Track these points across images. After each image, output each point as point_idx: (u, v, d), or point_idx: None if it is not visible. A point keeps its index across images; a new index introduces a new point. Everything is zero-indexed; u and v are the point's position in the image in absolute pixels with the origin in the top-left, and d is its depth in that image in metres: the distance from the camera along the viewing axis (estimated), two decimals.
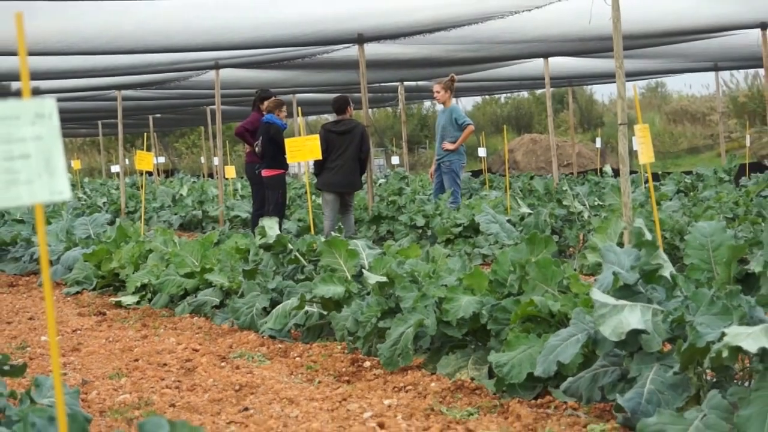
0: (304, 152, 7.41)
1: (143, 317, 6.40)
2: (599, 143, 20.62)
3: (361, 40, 10.03)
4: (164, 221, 14.39)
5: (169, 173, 30.56)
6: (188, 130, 36.47)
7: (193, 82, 14.12)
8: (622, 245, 4.25)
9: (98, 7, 8.35)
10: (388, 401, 3.83)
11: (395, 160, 23.81)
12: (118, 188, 19.05)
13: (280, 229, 6.72)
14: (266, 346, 5.17)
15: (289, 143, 7.54)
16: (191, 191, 17.40)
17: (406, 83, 16.68)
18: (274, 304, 5.60)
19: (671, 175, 14.49)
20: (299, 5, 8.71)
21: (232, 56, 11.28)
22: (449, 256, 5.54)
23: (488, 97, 31.69)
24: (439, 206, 9.54)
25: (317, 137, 8.01)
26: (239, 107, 19.14)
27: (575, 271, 4.50)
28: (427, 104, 31.94)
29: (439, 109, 10.68)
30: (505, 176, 11.72)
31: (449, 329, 4.20)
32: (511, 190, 12.16)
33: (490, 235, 8.32)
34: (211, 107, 19.55)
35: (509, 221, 8.67)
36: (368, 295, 4.95)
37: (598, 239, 4.74)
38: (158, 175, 25.99)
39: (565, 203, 8.96)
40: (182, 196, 16.75)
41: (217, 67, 11.79)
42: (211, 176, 25.24)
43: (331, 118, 13.00)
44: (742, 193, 10.61)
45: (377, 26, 9.68)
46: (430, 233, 9.33)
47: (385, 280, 4.72)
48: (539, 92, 29.82)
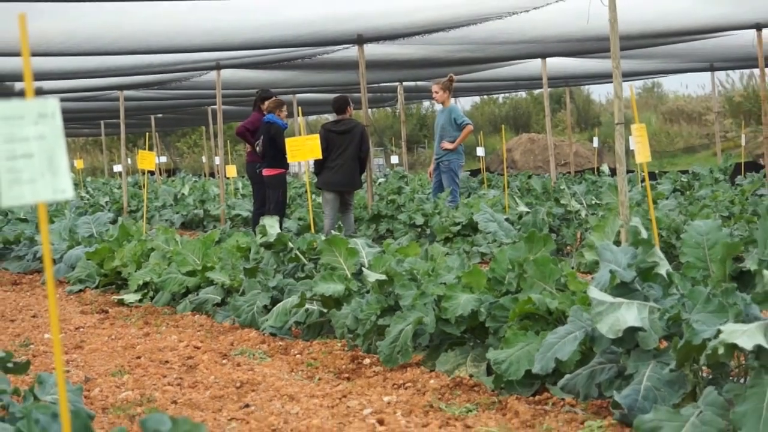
0: (304, 152, 7.44)
1: (145, 315, 6.41)
2: (596, 143, 20.60)
3: (360, 40, 10.05)
4: (166, 220, 14.42)
5: (170, 172, 30.59)
6: (190, 129, 36.46)
7: (194, 82, 14.13)
8: (619, 243, 4.28)
9: (100, 8, 8.37)
10: (387, 398, 3.84)
11: (394, 159, 23.82)
12: (120, 187, 19.08)
13: (280, 227, 6.76)
14: (267, 343, 5.18)
15: (289, 143, 7.56)
16: (193, 190, 17.42)
17: (405, 83, 16.68)
18: (274, 302, 5.62)
19: (668, 174, 14.52)
20: (299, 6, 8.72)
21: (232, 57, 11.29)
22: (448, 254, 5.55)
23: (486, 97, 31.65)
24: (438, 205, 9.55)
25: (317, 137, 8.04)
26: (240, 107, 19.14)
27: (573, 269, 4.51)
28: (426, 104, 31.92)
29: (438, 109, 10.69)
30: (503, 175, 11.72)
31: (448, 327, 4.22)
32: (509, 189, 12.18)
33: (488, 233, 8.35)
34: (212, 107, 19.55)
35: (507, 220, 8.69)
36: (368, 293, 4.96)
37: (595, 237, 4.76)
38: (160, 174, 26.00)
39: (562, 202, 8.99)
40: (184, 195, 16.76)
41: (218, 67, 11.80)
42: (212, 175, 25.26)
43: (331, 117, 13.01)
44: (737, 191, 10.64)
45: (376, 27, 9.69)
46: (429, 232, 9.34)
47: (384, 278, 4.74)
48: (537, 92, 29.80)
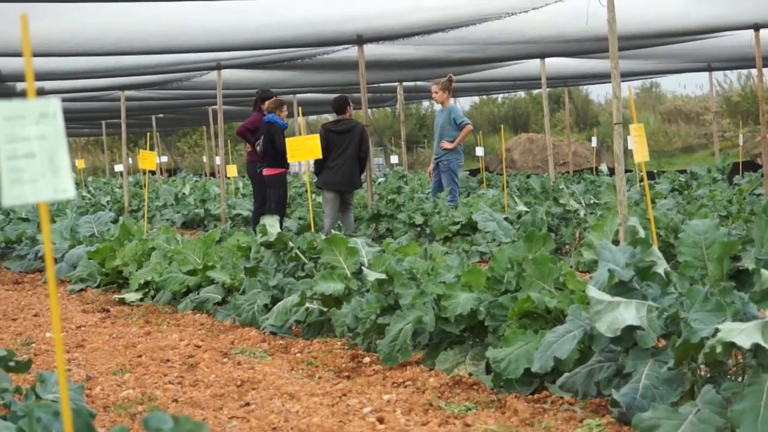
0: (304, 151, 7.46)
1: (146, 314, 6.43)
2: (595, 142, 20.59)
3: (360, 41, 10.06)
4: (167, 219, 14.44)
5: (171, 172, 30.61)
6: (190, 129, 36.48)
7: (195, 82, 14.14)
8: (617, 243, 4.29)
9: (101, 8, 8.38)
10: (387, 396, 3.86)
11: (394, 159, 23.82)
12: (121, 187, 19.09)
13: (281, 227, 6.77)
14: (267, 342, 5.20)
15: (289, 143, 7.58)
16: (193, 190, 17.43)
17: (404, 83, 16.70)
18: (275, 301, 5.64)
19: (666, 173, 14.53)
20: (299, 7, 8.72)
21: (233, 57, 11.30)
22: (447, 253, 5.56)
23: (486, 97, 31.64)
24: (437, 204, 9.56)
25: (317, 137, 8.07)
26: (240, 107, 19.14)
27: (571, 268, 4.53)
28: (425, 104, 31.91)
29: (437, 108, 10.71)
30: (502, 175, 11.74)
31: (447, 325, 4.23)
32: (508, 188, 12.20)
33: (487, 232, 8.37)
34: (212, 107, 19.57)
35: (506, 219, 8.72)
36: (368, 292, 4.98)
37: (594, 237, 4.77)
38: (161, 174, 26.01)
39: (561, 201, 9.02)
40: (185, 194, 16.78)
41: (218, 67, 11.82)
42: (213, 175, 25.27)
43: (331, 117, 13.02)
44: (735, 191, 10.67)
45: (376, 27, 9.69)
46: (428, 231, 9.35)
47: (384, 277, 4.75)
48: (536, 92, 29.79)
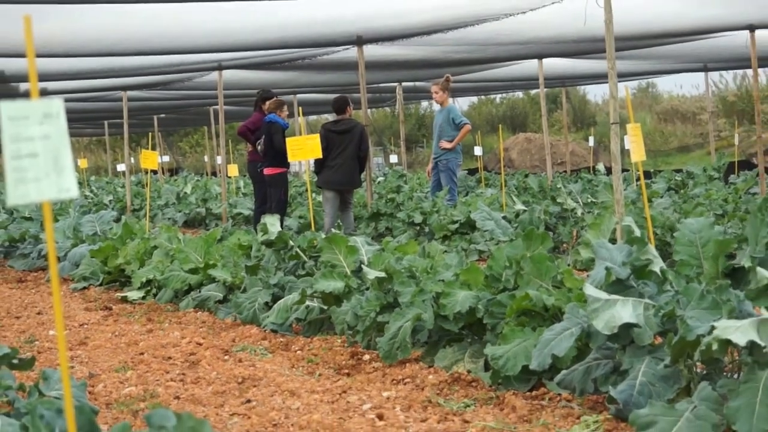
0: (305, 151, 7.49)
1: (148, 312, 6.46)
2: (592, 142, 20.59)
3: (360, 42, 10.08)
4: (169, 218, 14.47)
5: (173, 172, 30.63)
6: (192, 129, 36.50)
7: (196, 83, 14.16)
8: (614, 241, 4.31)
9: (103, 9, 8.41)
10: (386, 393, 3.88)
11: (393, 158, 23.86)
12: (123, 186, 19.11)
13: (281, 226, 6.81)
14: (268, 339, 5.23)
15: (290, 142, 7.62)
16: (195, 189, 17.45)
17: (404, 84, 16.73)
18: (275, 299, 5.66)
19: (662, 173, 14.54)
20: (300, 8, 8.74)
21: (234, 58, 11.32)
22: (446, 252, 5.59)
23: (484, 97, 31.64)
24: (436, 203, 9.59)
25: (318, 136, 8.10)
26: (241, 107, 19.16)
27: (569, 266, 4.56)
28: (424, 104, 31.92)
29: (436, 108, 10.74)
30: (500, 174, 11.76)
31: (446, 323, 4.25)
32: (506, 187, 12.23)
33: (485, 231, 8.40)
34: (214, 107, 19.58)
35: (504, 218, 8.75)
36: (367, 290, 5.00)
37: (591, 235, 4.79)
38: (163, 173, 26.03)
39: (558, 200, 9.05)
40: (186, 194, 16.81)
41: (220, 68, 11.84)
42: (214, 174, 25.30)
43: (331, 117, 13.04)
44: (731, 190, 10.69)
45: (376, 28, 9.71)
46: (427, 230, 9.37)
47: (383, 275, 4.78)
48: (534, 92, 29.78)
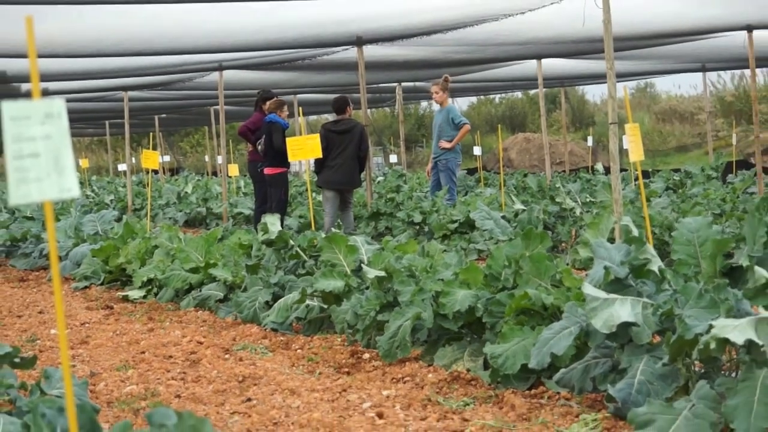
0: (305, 151, 7.51)
1: (149, 311, 6.48)
2: (591, 142, 20.59)
3: (359, 42, 10.10)
4: (170, 218, 14.48)
5: (174, 171, 30.64)
6: (193, 129, 36.53)
7: (197, 83, 14.18)
8: (613, 241, 4.32)
9: (104, 10, 8.43)
10: (386, 392, 3.90)
11: (393, 158, 23.87)
12: (124, 186, 19.14)
13: (281, 225, 6.83)
14: (268, 338, 5.25)
15: (290, 142, 7.63)
16: (196, 189, 17.47)
17: (403, 84, 16.75)
18: (276, 298, 5.68)
19: (660, 172, 14.56)
20: (300, 9, 8.76)
21: (235, 58, 11.33)
22: (445, 251, 5.61)
23: (483, 97, 31.67)
24: (435, 203, 9.60)
25: (318, 136, 8.11)
26: (242, 107, 19.18)
27: (568, 265, 4.56)
28: (424, 104, 31.97)
29: (435, 108, 10.75)
30: (499, 174, 11.79)
31: (446, 322, 4.26)
32: (505, 187, 12.24)
33: (485, 230, 8.42)
34: (214, 107, 19.60)
35: (504, 217, 8.76)
36: (367, 289, 5.02)
37: (589, 235, 4.80)
38: (164, 173, 26.04)
39: (557, 200, 9.07)
40: (187, 193, 16.83)
41: (220, 68, 11.86)
42: (215, 174, 25.32)
43: (331, 117, 13.06)
44: (729, 189, 10.71)
45: (375, 29, 9.72)
46: (427, 229, 9.38)
47: (383, 274, 4.80)
48: (533, 92, 29.81)
